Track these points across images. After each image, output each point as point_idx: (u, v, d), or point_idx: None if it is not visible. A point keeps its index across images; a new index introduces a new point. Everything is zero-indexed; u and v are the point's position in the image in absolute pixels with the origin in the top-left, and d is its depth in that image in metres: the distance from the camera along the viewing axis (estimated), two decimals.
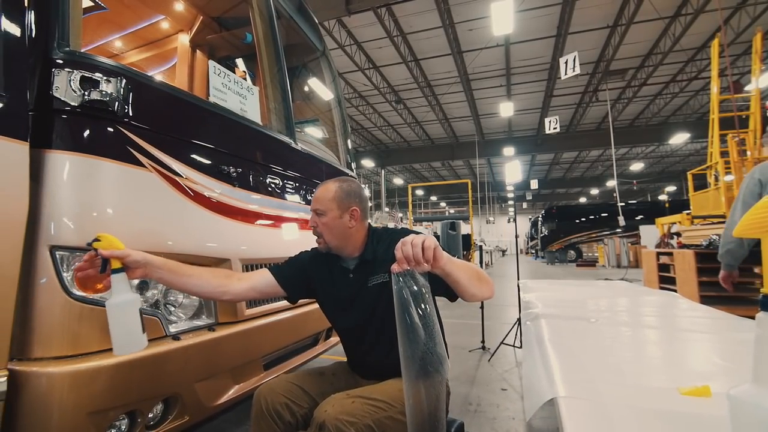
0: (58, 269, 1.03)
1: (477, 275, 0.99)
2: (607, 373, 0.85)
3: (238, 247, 1.49)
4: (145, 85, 1.26)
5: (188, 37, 3.17)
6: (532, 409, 0.72)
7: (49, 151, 1.05)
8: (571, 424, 0.55)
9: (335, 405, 0.99)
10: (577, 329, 1.27)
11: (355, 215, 1.20)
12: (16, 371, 0.96)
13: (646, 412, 0.63)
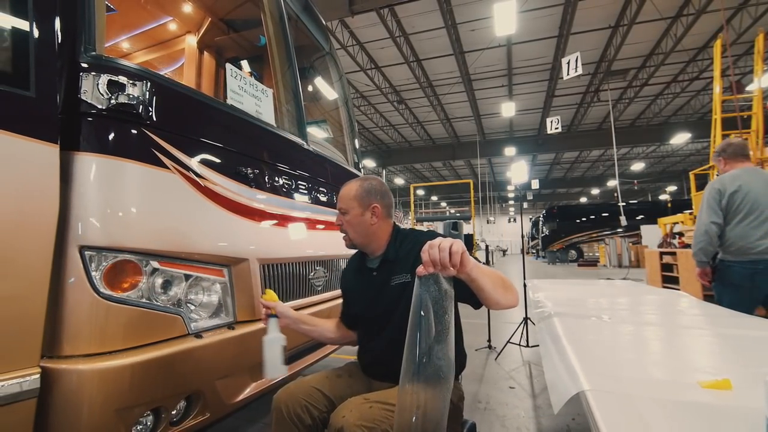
0: (87, 268, 1.05)
1: (502, 283, 0.96)
2: (627, 368, 0.87)
3: (256, 247, 1.52)
4: (168, 88, 1.28)
5: (196, 38, 3.19)
6: (559, 403, 0.75)
7: (78, 153, 1.07)
8: (603, 415, 0.58)
9: (353, 410, 1.00)
10: (592, 327, 1.30)
11: (376, 212, 1.23)
12: (47, 368, 0.98)
13: (671, 403, 0.65)
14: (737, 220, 2.10)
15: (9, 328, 0.93)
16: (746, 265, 2.03)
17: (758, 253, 2.00)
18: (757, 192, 2.06)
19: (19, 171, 0.95)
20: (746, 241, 2.05)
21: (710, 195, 2.18)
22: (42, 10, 1.04)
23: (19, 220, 0.95)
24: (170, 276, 1.23)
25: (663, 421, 0.58)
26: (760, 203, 2.05)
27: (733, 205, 2.10)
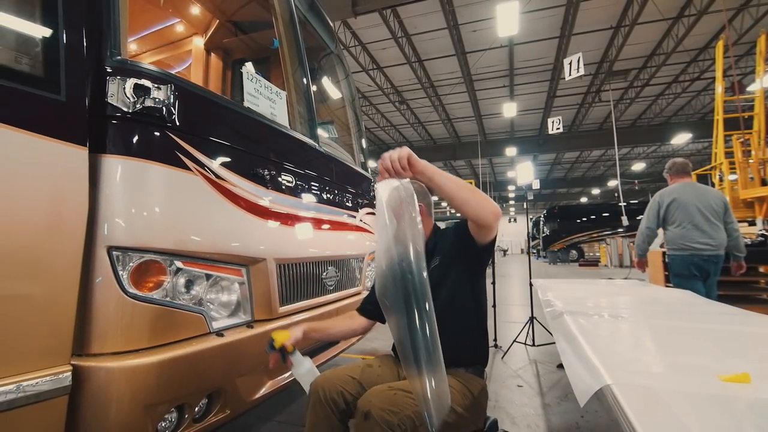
0: (115, 268, 1.08)
1: (469, 187, 1.06)
2: (646, 364, 0.90)
3: (272, 248, 1.54)
4: (189, 91, 1.30)
5: (203, 40, 3.22)
6: (584, 398, 0.77)
7: (105, 156, 1.10)
8: (632, 408, 0.60)
9: (378, 395, 1.06)
10: (605, 325, 1.32)
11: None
12: (78, 366, 1.01)
13: (694, 396, 0.67)
14: (675, 224, 2.74)
15: (42, 327, 0.95)
16: (685, 257, 2.69)
17: (693, 249, 2.66)
18: (688, 202, 2.69)
19: (51, 173, 0.98)
20: (684, 239, 2.68)
21: (651, 206, 2.86)
22: (71, 17, 1.07)
23: (51, 221, 0.97)
24: (193, 276, 1.26)
25: (691, 412, 0.60)
26: (691, 211, 2.67)
27: (670, 213, 2.76)
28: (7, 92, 0.93)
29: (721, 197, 2.77)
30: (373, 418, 1.00)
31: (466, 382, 1.21)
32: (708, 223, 2.64)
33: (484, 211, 1.07)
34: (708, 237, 2.62)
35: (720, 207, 2.70)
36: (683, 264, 2.70)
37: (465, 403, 1.15)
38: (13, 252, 0.91)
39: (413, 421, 1.03)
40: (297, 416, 2.08)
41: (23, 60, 0.98)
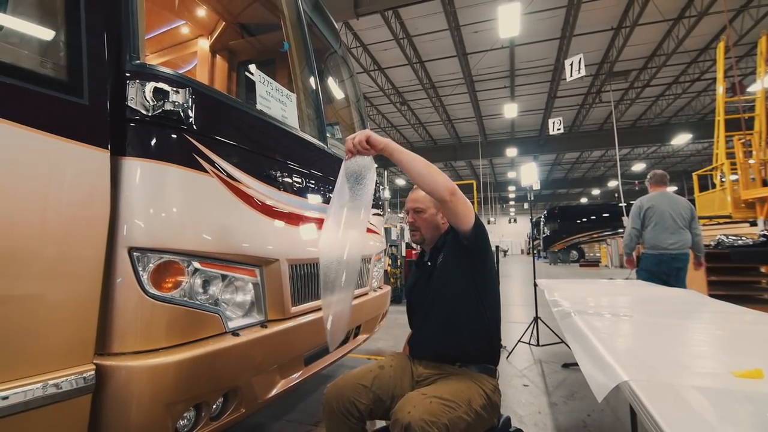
0: (136, 269, 1.09)
1: (424, 163, 1.17)
2: (658, 361, 0.92)
3: (284, 248, 1.56)
4: (206, 94, 1.32)
5: (208, 41, 3.24)
6: (602, 394, 0.79)
7: (125, 158, 1.12)
8: (652, 403, 0.62)
9: (417, 406, 1.06)
10: (614, 324, 1.34)
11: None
12: (100, 365, 1.02)
13: (710, 391, 0.69)
14: (650, 227, 3.23)
15: (67, 327, 0.97)
16: (656, 255, 3.18)
17: (663, 249, 3.15)
18: (662, 209, 3.20)
19: (75, 176, 1.00)
20: (657, 241, 3.18)
21: (634, 210, 3.36)
22: (93, 23, 1.09)
23: (76, 223, 0.99)
24: (209, 276, 1.28)
25: (710, 407, 0.62)
26: (665, 217, 3.17)
27: (648, 217, 3.25)
28: (34, 96, 0.95)
29: (689, 206, 3.26)
30: (413, 430, 1.01)
31: (479, 382, 1.23)
32: (676, 226, 3.16)
33: (437, 185, 1.15)
34: (675, 238, 3.15)
35: (687, 214, 3.21)
36: (653, 261, 3.21)
37: (481, 403, 1.17)
38: (40, 253, 0.93)
39: (447, 427, 1.05)
40: (306, 415, 2.09)
41: (48, 65, 1.00)
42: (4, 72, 0.90)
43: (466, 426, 1.10)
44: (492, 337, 1.34)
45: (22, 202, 0.90)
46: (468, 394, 1.17)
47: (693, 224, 3.22)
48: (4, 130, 0.88)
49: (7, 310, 0.88)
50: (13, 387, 0.86)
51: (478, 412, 1.15)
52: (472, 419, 1.12)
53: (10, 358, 0.88)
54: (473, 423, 1.12)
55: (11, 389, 0.86)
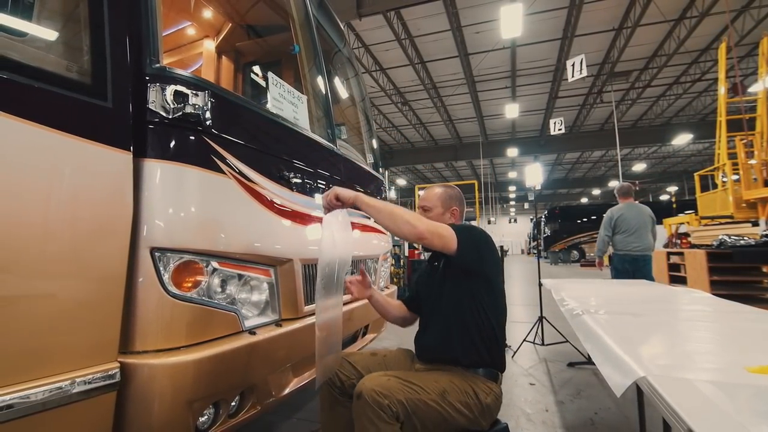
0: (157, 268, 1.11)
1: (390, 213, 1.22)
2: (672, 358, 0.94)
3: (298, 248, 1.58)
4: (223, 97, 1.34)
5: (214, 43, 3.25)
6: (621, 389, 0.81)
7: (146, 160, 1.14)
8: (671, 396, 0.64)
9: (372, 379, 1.15)
10: (625, 322, 1.36)
11: (455, 214, 1.46)
12: (124, 363, 1.04)
13: (726, 385, 0.71)
14: (620, 233, 3.81)
15: (93, 325, 0.99)
16: (624, 256, 3.77)
17: (629, 251, 3.74)
18: (629, 217, 3.78)
19: (100, 178, 1.02)
20: (624, 244, 3.77)
21: (606, 219, 3.92)
22: (116, 27, 1.11)
23: (101, 224, 1.01)
24: (226, 276, 1.30)
25: (728, 400, 0.64)
26: (630, 224, 3.75)
27: (618, 225, 3.82)
28: (62, 100, 0.97)
29: (650, 214, 3.86)
30: (364, 398, 1.08)
31: (469, 380, 1.24)
32: (641, 233, 3.74)
33: (403, 233, 1.22)
34: (639, 242, 3.73)
35: (649, 221, 3.81)
36: (621, 260, 3.81)
37: (462, 399, 1.18)
38: (69, 253, 0.95)
39: (405, 406, 1.09)
40: (315, 414, 2.11)
41: (74, 69, 1.02)
42: (35, 76, 0.92)
43: (437, 415, 1.13)
44: (492, 343, 1.31)
45: (50, 203, 0.93)
46: (444, 385, 1.19)
47: (653, 229, 3.87)
48: (34, 134, 0.90)
49: (37, 308, 0.90)
50: (43, 385, 0.88)
51: (455, 407, 1.16)
52: (444, 410, 1.14)
53: (40, 355, 0.90)
54: (447, 416, 1.14)
55: (42, 387, 0.88)
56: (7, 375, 0.85)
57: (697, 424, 0.56)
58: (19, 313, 0.87)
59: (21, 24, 0.96)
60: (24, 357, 0.88)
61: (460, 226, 1.33)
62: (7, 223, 0.85)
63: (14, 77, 0.89)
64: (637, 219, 3.76)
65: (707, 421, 0.57)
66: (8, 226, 0.85)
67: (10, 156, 0.87)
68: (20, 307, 0.87)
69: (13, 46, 0.92)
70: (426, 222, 1.22)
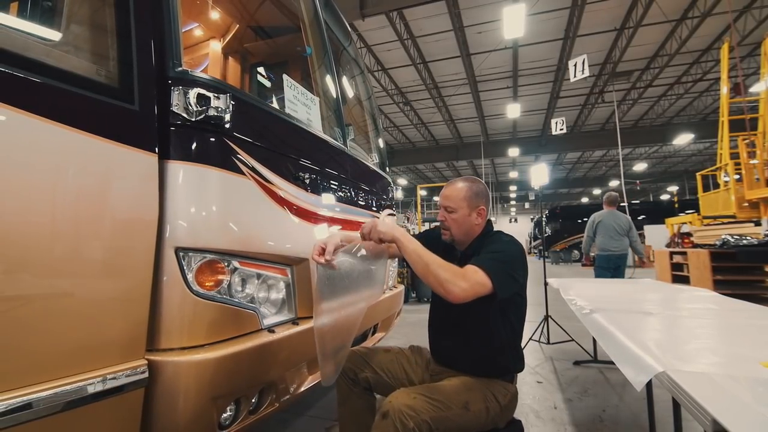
0: (182, 268, 1.14)
1: (425, 268, 1.11)
2: (688, 354, 0.97)
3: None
4: (243, 100, 1.37)
5: (220, 44, 3.27)
6: (640, 384, 0.84)
7: (170, 162, 1.16)
8: (692, 389, 0.67)
9: (399, 398, 1.13)
10: (636, 320, 1.39)
11: (482, 214, 1.35)
12: (151, 361, 1.07)
13: (743, 379, 0.74)
14: (600, 235, 4.46)
15: (123, 324, 1.02)
16: (604, 256, 4.41)
17: (609, 251, 4.38)
18: (608, 223, 4.42)
19: (128, 179, 1.05)
20: (604, 245, 4.42)
21: (589, 223, 4.62)
22: (141, 31, 1.13)
23: (129, 224, 1.04)
24: (246, 275, 1.33)
25: (748, 393, 0.67)
26: (609, 228, 4.39)
27: (598, 229, 4.48)
28: (93, 104, 1.00)
29: (628, 220, 4.46)
30: (391, 419, 1.07)
31: (489, 386, 1.26)
32: (618, 235, 4.37)
33: (439, 290, 1.10)
34: (617, 244, 4.38)
35: (626, 226, 4.41)
36: (603, 259, 4.44)
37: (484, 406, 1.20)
38: (101, 254, 0.97)
39: (429, 425, 1.09)
40: (327, 411, 2.14)
41: (103, 73, 1.05)
42: (70, 81, 0.95)
43: (459, 424, 1.14)
44: (515, 350, 1.32)
45: (83, 204, 0.95)
46: (466, 396, 1.19)
47: (630, 233, 4.42)
48: (68, 137, 0.93)
49: (72, 307, 0.92)
50: (77, 381, 0.91)
51: (477, 414, 1.18)
52: (466, 419, 1.15)
53: (73, 353, 0.93)
54: (469, 423, 1.16)
55: (75, 383, 0.91)
56: (45, 371, 0.88)
57: (720, 414, 0.58)
58: (54, 311, 0.90)
59: (54, 32, 0.99)
60: (61, 354, 0.91)
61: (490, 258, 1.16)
62: (44, 223, 0.88)
63: (50, 82, 0.92)
64: (615, 224, 4.42)
65: (730, 411, 0.60)
66: (45, 227, 0.88)
67: (48, 159, 0.90)
68: (55, 306, 0.90)
69: (48, 52, 0.95)
70: (460, 284, 1.07)
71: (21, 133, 0.85)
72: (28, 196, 0.86)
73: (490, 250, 1.22)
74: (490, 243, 1.29)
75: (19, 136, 0.85)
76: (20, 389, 0.83)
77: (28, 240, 0.86)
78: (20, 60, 0.88)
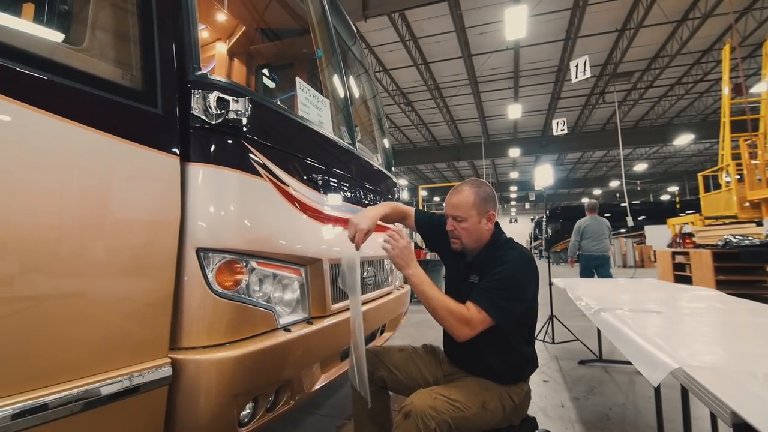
0: (203, 268, 1.16)
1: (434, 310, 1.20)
2: (701, 350, 0.99)
3: (327, 249, 1.63)
4: (260, 103, 1.39)
5: (226, 46, 3.30)
6: (657, 379, 0.86)
7: (191, 164, 1.18)
8: (711, 384, 0.69)
9: (421, 399, 1.15)
10: (645, 319, 1.41)
11: (491, 218, 1.33)
12: (174, 359, 1.09)
13: (762, 375, 0.76)
14: (585, 239, 5.06)
15: (148, 323, 1.05)
16: (588, 257, 5.04)
17: (592, 251, 5.00)
18: (592, 227, 5.03)
19: (153, 181, 1.07)
20: (588, 247, 5.02)
21: (575, 228, 5.21)
22: (164, 36, 1.16)
23: (154, 226, 1.07)
24: (263, 275, 1.35)
25: (763, 387, 0.69)
26: (593, 233, 5.01)
27: (584, 233, 5.08)
28: (119, 108, 1.02)
29: (607, 224, 5.08)
30: (413, 419, 1.10)
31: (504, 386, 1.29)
32: (600, 238, 4.99)
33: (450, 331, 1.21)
34: (598, 246, 4.99)
35: (606, 230, 5.04)
36: (587, 259, 5.08)
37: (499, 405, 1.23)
38: (128, 255, 1.00)
39: (449, 425, 1.12)
40: (337, 410, 2.16)
41: (128, 77, 1.07)
42: (99, 86, 0.98)
43: (477, 423, 1.18)
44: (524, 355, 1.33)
45: (110, 206, 0.98)
46: (483, 396, 1.22)
47: (610, 236, 5.12)
48: (98, 141, 0.95)
49: (102, 306, 0.95)
50: (107, 379, 0.94)
51: (493, 413, 1.21)
52: (483, 418, 1.19)
53: (103, 351, 0.95)
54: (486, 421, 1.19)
55: (106, 381, 0.93)
56: (76, 370, 0.90)
57: (739, 406, 0.61)
58: (86, 312, 0.92)
59: (80, 37, 1.02)
60: (92, 352, 0.93)
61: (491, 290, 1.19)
62: (77, 226, 0.91)
63: (82, 87, 0.95)
64: (597, 228, 5.03)
65: (748, 403, 0.62)
66: (78, 230, 0.91)
67: (83, 163, 0.93)
68: (87, 306, 0.92)
69: (75, 56, 0.97)
70: (464, 331, 1.16)
71: (59, 138, 0.89)
72: (64, 198, 0.89)
73: (493, 277, 1.22)
74: (497, 263, 1.26)
75: (57, 142, 0.89)
76: (56, 386, 0.85)
77: (63, 241, 0.89)
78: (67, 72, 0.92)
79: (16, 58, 0.85)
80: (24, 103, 0.84)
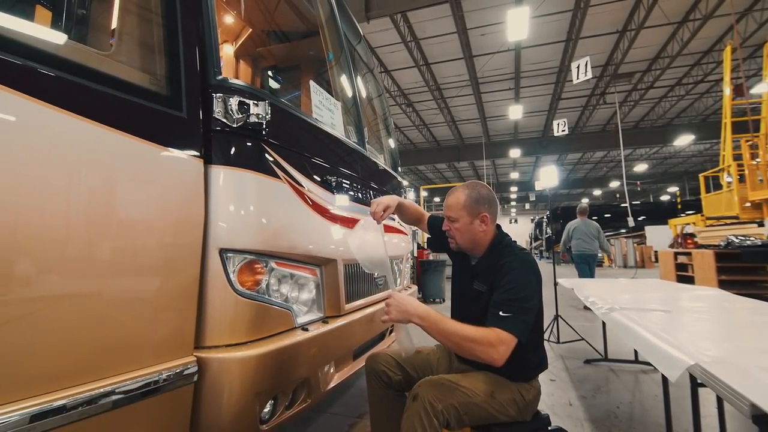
0: (226, 268, 1.19)
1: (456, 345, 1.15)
2: (711, 346, 1.02)
3: (342, 249, 1.66)
4: (278, 106, 1.42)
5: (233, 48, 3.32)
6: (675, 375, 0.89)
7: (213, 166, 1.21)
8: (730, 379, 0.72)
9: (428, 383, 1.21)
10: (658, 317, 1.44)
11: (485, 221, 1.34)
12: (199, 357, 1.12)
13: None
14: (575, 239, 5.76)
15: (176, 322, 1.07)
16: (577, 254, 5.77)
17: (581, 249, 5.73)
18: (581, 229, 5.77)
19: (179, 183, 1.10)
20: (578, 246, 5.74)
21: (566, 229, 6.01)
22: (188, 41, 1.19)
23: (180, 227, 1.09)
24: (282, 275, 1.38)
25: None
26: (582, 233, 5.73)
27: (574, 233, 5.80)
28: (148, 112, 1.05)
29: (596, 227, 5.78)
30: (420, 401, 1.14)
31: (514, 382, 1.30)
32: (589, 239, 5.70)
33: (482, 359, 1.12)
34: (587, 245, 5.70)
35: (595, 231, 5.74)
36: (579, 256, 5.75)
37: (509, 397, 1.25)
38: (156, 255, 1.03)
39: (457, 409, 1.15)
40: (348, 408, 2.19)
41: (155, 82, 1.10)
42: (129, 91, 1.00)
43: (486, 413, 1.20)
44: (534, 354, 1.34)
45: (139, 208, 1.01)
46: (492, 386, 1.24)
47: (600, 237, 5.75)
48: (125, 143, 0.98)
49: (131, 306, 0.98)
50: (138, 377, 0.96)
51: (503, 405, 1.23)
52: (493, 408, 1.21)
53: (134, 349, 0.98)
54: (495, 412, 1.21)
55: (136, 378, 0.96)
56: (107, 367, 0.93)
57: (759, 398, 0.63)
58: (117, 311, 0.95)
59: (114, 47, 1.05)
60: (123, 350, 0.96)
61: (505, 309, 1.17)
62: (112, 228, 0.94)
63: (117, 93, 0.98)
64: (586, 230, 5.74)
65: (767, 395, 0.65)
66: (113, 231, 0.94)
67: (116, 166, 0.96)
68: (118, 306, 0.95)
69: (103, 61, 1.00)
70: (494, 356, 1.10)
71: (97, 144, 0.93)
72: (94, 201, 0.92)
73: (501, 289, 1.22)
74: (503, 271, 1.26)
75: (96, 146, 0.93)
76: (91, 383, 0.88)
77: (98, 243, 0.91)
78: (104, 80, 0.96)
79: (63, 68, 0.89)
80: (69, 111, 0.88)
